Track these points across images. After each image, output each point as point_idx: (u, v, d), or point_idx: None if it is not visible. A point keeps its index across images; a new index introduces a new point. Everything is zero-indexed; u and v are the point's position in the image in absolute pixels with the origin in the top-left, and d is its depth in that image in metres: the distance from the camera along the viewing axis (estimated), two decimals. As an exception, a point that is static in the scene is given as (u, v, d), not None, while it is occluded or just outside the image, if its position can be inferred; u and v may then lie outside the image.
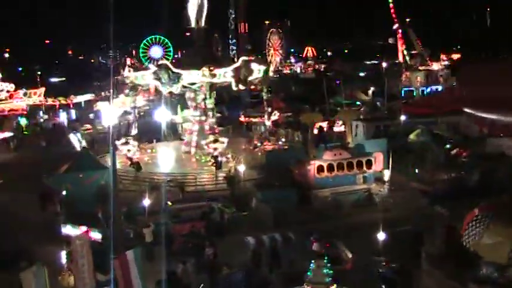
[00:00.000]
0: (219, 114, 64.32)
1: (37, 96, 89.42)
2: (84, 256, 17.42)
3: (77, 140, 62.99)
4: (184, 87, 54.32)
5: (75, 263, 17.13)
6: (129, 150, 51.48)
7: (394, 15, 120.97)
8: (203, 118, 55.59)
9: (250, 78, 55.50)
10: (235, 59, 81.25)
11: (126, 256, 17.84)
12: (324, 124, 57.62)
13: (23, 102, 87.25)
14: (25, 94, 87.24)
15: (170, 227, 36.73)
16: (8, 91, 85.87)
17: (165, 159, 54.88)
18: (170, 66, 52.97)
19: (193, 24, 57.59)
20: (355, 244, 31.53)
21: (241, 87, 55.56)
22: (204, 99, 54.37)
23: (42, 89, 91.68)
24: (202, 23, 57.63)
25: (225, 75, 52.92)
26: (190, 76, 52.68)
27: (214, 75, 51.93)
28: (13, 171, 55.43)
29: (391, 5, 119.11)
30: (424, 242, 28.95)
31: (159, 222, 35.95)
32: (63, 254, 29.93)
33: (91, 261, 19.47)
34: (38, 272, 18.76)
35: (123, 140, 52.16)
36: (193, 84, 53.84)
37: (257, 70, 55.76)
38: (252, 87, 65.36)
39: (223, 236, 35.57)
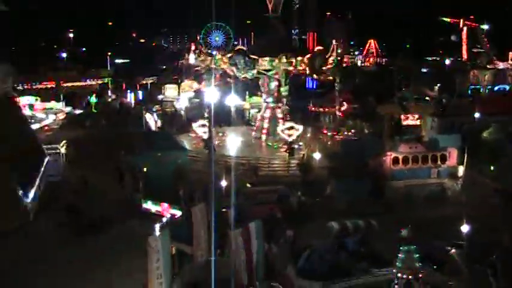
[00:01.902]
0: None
1: (107, 75, 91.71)
2: (204, 225, 18.16)
3: (153, 120, 64.39)
4: (258, 73, 55.04)
5: (196, 233, 17.92)
6: (205, 132, 52.53)
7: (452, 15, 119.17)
8: (275, 105, 56.19)
9: (324, 68, 55.91)
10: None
11: (249, 228, 18.59)
12: (401, 117, 57.63)
13: (93, 81, 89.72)
14: (97, 73, 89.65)
15: (248, 209, 37.54)
16: (80, 69, 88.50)
17: (235, 143, 55.66)
18: (247, 52, 53.73)
19: (270, 12, 58.22)
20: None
21: (315, 76, 56.00)
22: (279, 86, 54.98)
23: (112, 69, 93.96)
24: (279, 12, 58.25)
25: (301, 63, 53.49)
26: (267, 63, 53.39)
27: (291, 63, 52.56)
28: (87, 148, 57.09)
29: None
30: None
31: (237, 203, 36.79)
32: (157, 227, 30.97)
33: (206, 231, 20.23)
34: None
35: (200, 122, 53.28)
36: (268, 71, 54.50)
37: (331, 60, 56.14)
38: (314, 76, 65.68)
39: (299, 220, 36.19)
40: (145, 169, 42.89)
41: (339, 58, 59.30)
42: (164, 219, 31.91)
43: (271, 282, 20.64)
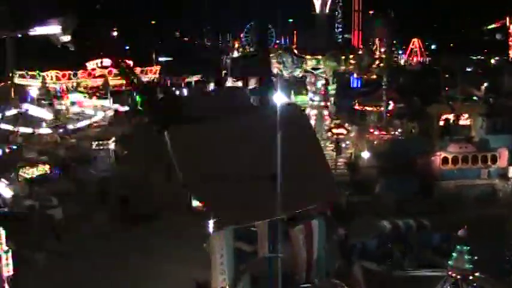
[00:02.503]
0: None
1: (152, 73, 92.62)
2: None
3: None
4: (305, 71, 55.15)
5: (259, 229, 18.19)
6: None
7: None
8: (322, 103, 56.20)
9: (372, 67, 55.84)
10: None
11: (311, 224, 18.80)
12: (450, 116, 57.09)
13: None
14: (142, 71, 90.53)
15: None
16: (126, 67, 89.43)
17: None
18: (294, 50, 53.91)
19: (317, 10, 58.27)
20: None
21: (357, 75, 55.93)
22: (326, 84, 55.00)
23: (158, 67, 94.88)
24: (327, 9, 58.26)
25: (349, 61, 53.49)
26: (314, 61, 53.47)
27: (338, 61, 52.55)
28: (135, 145, 57.98)
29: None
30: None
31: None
32: (210, 222, 31.27)
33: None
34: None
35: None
36: (315, 69, 54.56)
37: (380, 59, 56.03)
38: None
39: (348, 218, 36.21)
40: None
41: (385, 57, 58.99)
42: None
43: (331, 279, 20.77)
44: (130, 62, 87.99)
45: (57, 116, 64.58)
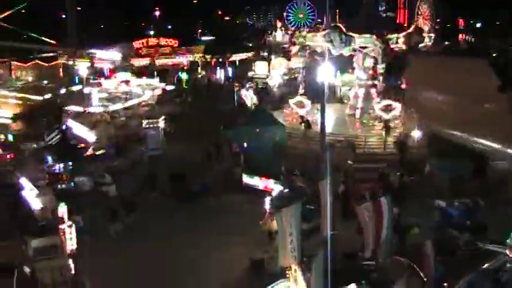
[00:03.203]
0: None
1: (197, 52, 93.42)
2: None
3: (249, 97, 65.27)
4: (354, 50, 54.75)
5: (323, 207, 18.34)
6: (301, 108, 52.92)
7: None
8: (370, 82, 55.78)
9: (420, 46, 55.13)
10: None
11: (380, 202, 18.90)
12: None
13: (184, 58, 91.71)
14: (187, 50, 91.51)
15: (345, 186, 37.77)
16: (172, 46, 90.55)
17: (329, 120, 55.71)
18: (343, 28, 53.47)
19: (365, -13, 57.75)
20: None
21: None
22: (375, 63, 54.54)
23: (203, 47, 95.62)
24: (375, -13, 57.68)
25: (397, 40, 52.90)
26: (363, 40, 53.04)
27: (388, 40, 52.05)
28: (183, 123, 58.76)
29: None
30: None
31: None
32: (267, 200, 31.69)
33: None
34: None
35: (297, 98, 53.74)
36: (364, 48, 54.11)
37: (427, 37, 55.28)
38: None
39: (400, 198, 36.10)
40: (245, 144, 43.76)
41: (433, 36, 58.16)
42: (274, 193, 32.54)
43: (397, 257, 20.85)
44: (176, 42, 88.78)
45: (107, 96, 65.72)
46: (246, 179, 40.47)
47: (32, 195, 32.55)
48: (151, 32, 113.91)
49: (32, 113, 59.69)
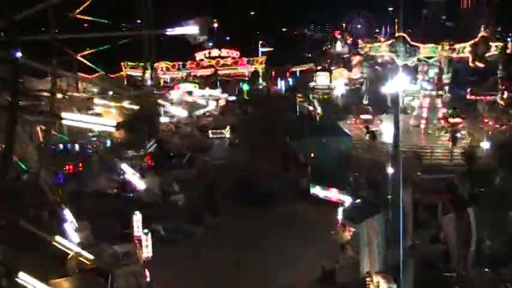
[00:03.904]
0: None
1: (258, 63, 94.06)
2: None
3: (313, 107, 65.56)
4: (418, 60, 54.43)
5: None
6: (367, 120, 52.96)
7: None
8: (435, 93, 55.30)
9: (487, 55, 54.22)
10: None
11: (467, 212, 18.90)
12: None
13: (245, 68, 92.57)
14: (248, 61, 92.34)
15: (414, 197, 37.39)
16: (233, 58, 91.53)
17: (392, 130, 55.29)
18: (408, 38, 53.20)
19: (430, -4, 57.34)
20: None
21: (478, 63, 54.28)
22: (440, 73, 54.05)
23: (264, 57, 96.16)
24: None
25: (463, 50, 52.27)
26: (428, 50, 52.67)
27: (453, 50, 51.53)
28: (248, 133, 59.27)
29: None
30: None
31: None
32: (340, 211, 31.80)
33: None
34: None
35: (362, 109, 53.79)
36: (429, 58, 53.73)
37: (494, 46, 54.36)
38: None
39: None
40: (312, 154, 43.98)
41: (500, 44, 57.04)
42: (346, 204, 32.60)
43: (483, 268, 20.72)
44: (237, 53, 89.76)
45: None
46: (314, 189, 40.61)
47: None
48: (210, 44, 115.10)
49: (132, 122, 60.17)
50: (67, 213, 24.64)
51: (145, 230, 27.92)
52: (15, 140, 14.50)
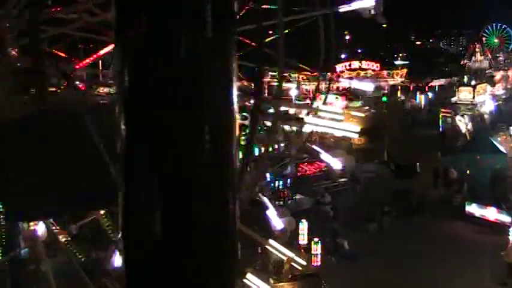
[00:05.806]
0: None
1: (399, 76, 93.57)
2: None
3: (463, 123, 64.50)
4: None
5: None
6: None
7: None
8: None
9: None
10: None
11: None
12: None
13: (384, 81, 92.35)
14: (388, 74, 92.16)
15: None
16: (373, 70, 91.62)
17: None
18: None
19: None
20: None
21: None
22: None
23: (404, 71, 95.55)
24: None
25: None
26: None
27: None
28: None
29: None
30: None
31: None
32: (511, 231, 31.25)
33: None
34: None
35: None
36: None
37: None
38: None
39: None
40: (467, 171, 43.37)
41: None
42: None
43: None
44: (378, 65, 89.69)
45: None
46: (470, 207, 39.69)
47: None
48: (342, 56, 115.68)
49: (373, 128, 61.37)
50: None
51: (315, 239, 28.76)
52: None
